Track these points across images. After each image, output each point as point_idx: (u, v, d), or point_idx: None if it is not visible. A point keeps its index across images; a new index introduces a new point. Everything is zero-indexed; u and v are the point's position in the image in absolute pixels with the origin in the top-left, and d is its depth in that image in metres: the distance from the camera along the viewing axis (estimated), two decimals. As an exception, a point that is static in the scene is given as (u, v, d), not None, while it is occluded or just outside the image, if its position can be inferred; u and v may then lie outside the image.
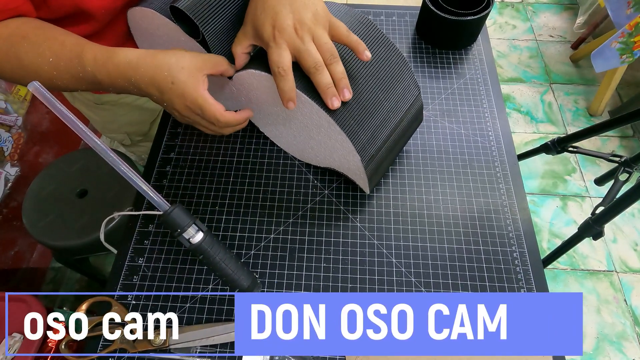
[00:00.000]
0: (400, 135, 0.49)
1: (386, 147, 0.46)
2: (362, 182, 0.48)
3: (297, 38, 0.39)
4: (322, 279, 0.47)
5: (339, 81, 0.40)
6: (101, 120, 0.73)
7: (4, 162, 1.01)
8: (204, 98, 0.41)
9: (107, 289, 0.46)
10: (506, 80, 1.61)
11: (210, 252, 0.41)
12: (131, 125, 0.75)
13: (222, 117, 0.42)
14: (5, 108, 1.01)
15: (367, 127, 0.43)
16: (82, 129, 0.37)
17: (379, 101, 0.45)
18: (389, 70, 0.46)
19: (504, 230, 0.50)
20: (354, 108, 0.42)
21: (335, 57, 0.40)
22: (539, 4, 1.85)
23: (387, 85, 0.45)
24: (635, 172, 0.83)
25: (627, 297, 1.16)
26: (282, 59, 0.38)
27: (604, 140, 1.44)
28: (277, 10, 0.39)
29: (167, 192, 0.53)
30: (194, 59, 0.41)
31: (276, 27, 0.39)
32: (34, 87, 0.35)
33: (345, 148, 0.44)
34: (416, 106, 0.49)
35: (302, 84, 0.41)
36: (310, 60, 0.39)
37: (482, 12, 0.61)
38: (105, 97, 0.67)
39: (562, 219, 1.29)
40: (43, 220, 0.84)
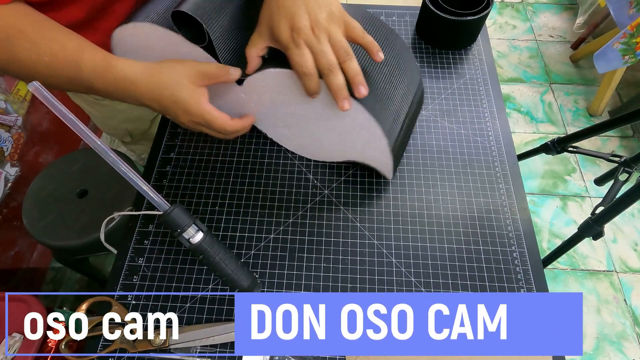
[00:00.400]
0: (412, 118, 0.51)
1: (404, 130, 0.48)
2: (386, 167, 0.48)
3: (313, 37, 0.39)
4: (322, 279, 0.47)
5: (353, 78, 0.40)
6: (101, 116, 0.73)
7: (4, 162, 1.01)
8: (208, 112, 0.41)
9: (107, 289, 0.46)
10: (506, 80, 1.61)
11: (210, 252, 0.41)
12: (131, 122, 0.75)
13: (229, 127, 0.43)
14: (5, 108, 1.01)
15: (388, 112, 0.45)
16: (82, 128, 0.37)
17: (394, 87, 0.47)
18: (398, 59, 0.49)
19: (503, 230, 0.50)
20: (374, 96, 0.44)
21: (350, 55, 0.40)
22: (539, 4, 1.85)
23: (398, 73, 0.48)
24: (635, 172, 0.83)
25: (627, 297, 1.16)
26: (305, 60, 0.39)
27: (604, 140, 1.44)
28: (293, 11, 0.39)
29: (167, 192, 0.53)
30: (193, 71, 0.41)
31: (294, 29, 0.39)
32: (35, 87, 0.35)
33: (372, 133, 0.44)
34: (421, 89, 0.52)
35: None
36: (325, 61, 0.39)
37: (482, 12, 0.61)
38: None
39: (562, 219, 1.29)
40: (43, 220, 0.84)
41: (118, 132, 0.77)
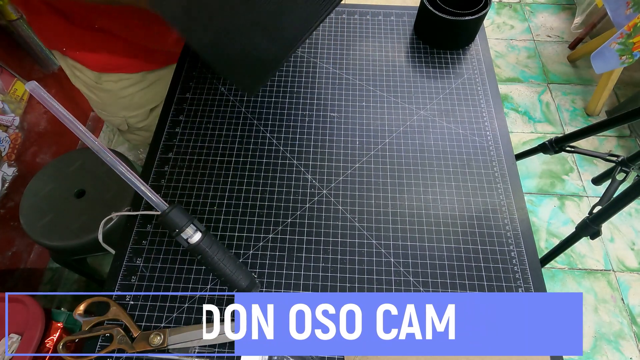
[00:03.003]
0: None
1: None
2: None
3: None
4: (320, 279, 0.47)
5: None
6: (101, 102, 0.73)
7: (1, 162, 1.01)
8: None
9: (105, 289, 0.46)
10: (504, 80, 1.62)
11: (208, 252, 0.41)
12: (130, 110, 0.75)
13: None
14: (2, 108, 1.01)
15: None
16: (80, 128, 0.37)
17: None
18: None
19: (501, 229, 0.50)
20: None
21: None
22: (537, 4, 1.85)
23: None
24: (632, 171, 0.83)
25: (624, 296, 1.16)
26: None
27: (602, 140, 1.45)
28: None
29: (165, 192, 0.53)
30: None
31: None
32: (31, 87, 0.35)
33: None
34: None
35: None
36: None
37: (479, 12, 0.61)
38: (106, 77, 0.68)
39: (559, 219, 1.30)
40: (41, 220, 0.84)
41: (116, 119, 0.77)
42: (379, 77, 0.63)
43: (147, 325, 0.44)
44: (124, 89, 0.70)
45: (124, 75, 0.68)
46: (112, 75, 0.68)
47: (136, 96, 0.72)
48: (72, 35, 0.60)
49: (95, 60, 0.65)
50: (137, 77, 0.70)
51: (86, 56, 0.64)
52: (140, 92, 0.72)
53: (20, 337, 0.65)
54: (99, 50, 0.63)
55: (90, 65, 0.65)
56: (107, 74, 0.67)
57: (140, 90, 0.72)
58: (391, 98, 0.61)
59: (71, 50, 0.63)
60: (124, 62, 0.66)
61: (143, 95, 0.73)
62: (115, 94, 0.71)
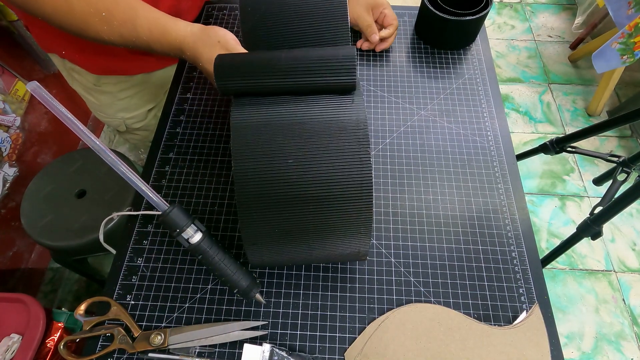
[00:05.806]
0: None
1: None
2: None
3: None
4: (320, 279, 0.47)
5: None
6: (99, 104, 0.73)
7: (2, 162, 1.01)
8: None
9: (105, 289, 0.46)
10: (505, 80, 1.62)
11: (209, 252, 0.41)
12: (128, 112, 0.75)
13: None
14: (4, 108, 1.01)
15: None
16: (81, 129, 0.37)
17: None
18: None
19: (502, 230, 0.50)
20: None
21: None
22: (538, 4, 1.85)
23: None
24: (633, 172, 0.83)
25: (625, 297, 1.16)
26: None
27: (603, 140, 1.45)
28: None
29: (166, 192, 0.53)
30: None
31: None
32: (32, 87, 0.35)
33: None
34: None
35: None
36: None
37: (480, 12, 0.61)
38: (105, 79, 0.68)
39: (560, 219, 1.30)
40: (41, 220, 0.84)
41: (114, 121, 0.77)
42: (380, 77, 0.63)
43: (148, 325, 0.44)
44: (122, 91, 0.70)
45: (123, 77, 0.68)
46: (111, 78, 0.68)
47: (135, 98, 0.72)
48: (71, 39, 0.60)
49: (95, 63, 0.64)
50: (136, 79, 0.70)
51: (85, 59, 0.64)
52: (138, 93, 0.72)
53: (21, 337, 0.65)
54: (99, 53, 0.62)
55: (90, 68, 0.65)
56: (106, 76, 0.67)
57: (139, 92, 0.72)
58: (392, 98, 0.61)
59: (70, 53, 0.63)
60: (123, 65, 0.66)
61: (142, 96, 0.73)
62: (114, 96, 0.71)
